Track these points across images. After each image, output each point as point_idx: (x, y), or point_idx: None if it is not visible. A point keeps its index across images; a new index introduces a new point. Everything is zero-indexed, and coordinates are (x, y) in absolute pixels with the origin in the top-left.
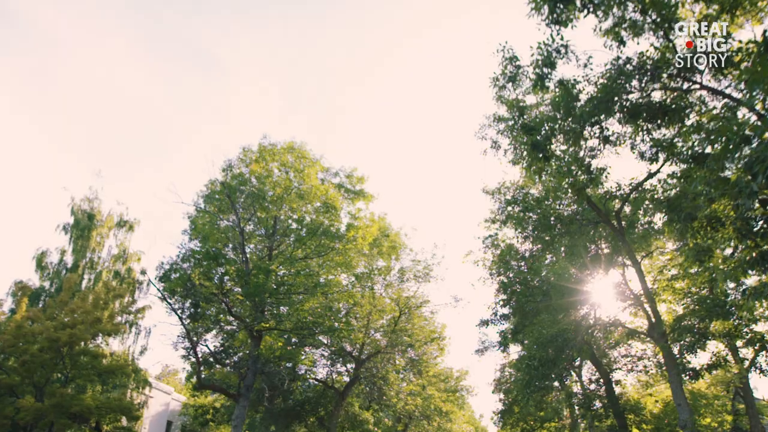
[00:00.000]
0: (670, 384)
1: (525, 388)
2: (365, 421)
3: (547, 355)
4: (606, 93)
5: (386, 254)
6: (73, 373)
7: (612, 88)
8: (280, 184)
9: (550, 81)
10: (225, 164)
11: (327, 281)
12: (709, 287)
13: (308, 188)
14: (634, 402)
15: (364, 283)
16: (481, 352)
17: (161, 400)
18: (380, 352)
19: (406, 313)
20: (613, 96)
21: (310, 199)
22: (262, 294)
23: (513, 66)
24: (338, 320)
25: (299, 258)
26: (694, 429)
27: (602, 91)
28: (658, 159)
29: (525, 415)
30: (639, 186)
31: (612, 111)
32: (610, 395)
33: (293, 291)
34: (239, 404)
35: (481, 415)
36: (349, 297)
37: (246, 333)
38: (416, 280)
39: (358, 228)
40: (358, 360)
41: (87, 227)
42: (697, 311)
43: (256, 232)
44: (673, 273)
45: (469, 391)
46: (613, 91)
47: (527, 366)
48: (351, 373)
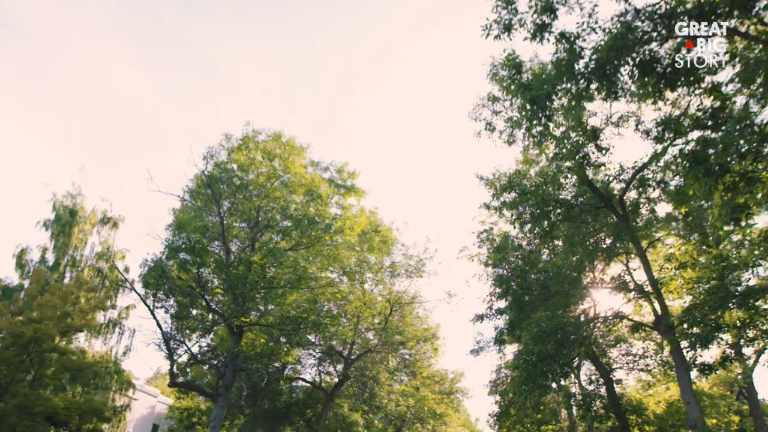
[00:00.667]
0: (678, 381)
1: (522, 386)
2: (355, 423)
3: (546, 350)
4: (615, 41)
5: (377, 249)
6: (41, 372)
7: (621, 37)
8: (263, 172)
9: (551, 34)
10: (206, 152)
11: (313, 275)
12: (719, 276)
13: (293, 176)
14: (636, 402)
15: (352, 278)
16: (477, 353)
17: (146, 402)
18: (370, 350)
19: (398, 310)
20: (622, 47)
21: (295, 187)
22: (243, 287)
23: (509, 12)
24: (324, 315)
25: (284, 250)
26: (705, 429)
27: (611, 42)
28: (663, 138)
29: (522, 417)
30: (644, 168)
31: (620, 64)
32: (611, 395)
33: (276, 284)
34: (217, 404)
35: (477, 419)
36: (337, 292)
37: (226, 329)
38: (408, 276)
39: (345, 218)
40: (347, 359)
41: (68, 223)
42: (708, 300)
43: (237, 224)
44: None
45: (465, 393)
46: (622, 41)
47: (525, 362)
48: (340, 373)
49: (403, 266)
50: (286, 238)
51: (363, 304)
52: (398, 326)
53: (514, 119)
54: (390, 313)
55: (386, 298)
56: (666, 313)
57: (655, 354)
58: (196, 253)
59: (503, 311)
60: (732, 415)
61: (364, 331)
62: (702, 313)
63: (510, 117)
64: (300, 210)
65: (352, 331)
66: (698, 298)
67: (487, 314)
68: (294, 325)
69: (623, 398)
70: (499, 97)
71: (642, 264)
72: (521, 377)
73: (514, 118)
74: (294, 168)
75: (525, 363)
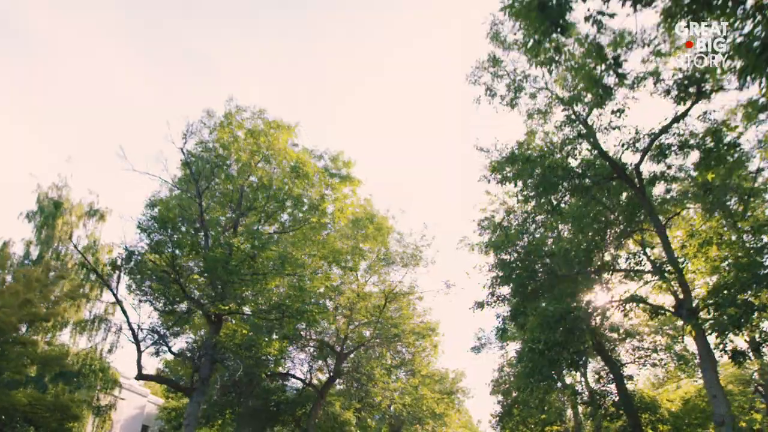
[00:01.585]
0: (701, 372)
1: (528, 378)
2: (347, 422)
3: (554, 338)
4: None
5: (371, 238)
6: (2, 365)
7: None
8: (245, 149)
9: None
10: (186, 129)
11: (300, 261)
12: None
13: (277, 152)
14: (649, 399)
15: (344, 266)
16: (478, 350)
17: (136, 402)
18: (364, 344)
19: (393, 301)
20: None
21: (279, 162)
22: (221, 270)
23: None
24: (310, 303)
25: (269, 233)
26: (735, 425)
27: None
28: (685, 96)
29: (525, 417)
30: (663, 132)
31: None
32: (621, 392)
33: (257, 269)
34: (192, 400)
35: (479, 421)
36: (326, 279)
37: (203, 317)
38: (404, 265)
39: (335, 199)
40: (340, 354)
41: (52, 215)
42: (740, 278)
43: (219, 207)
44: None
45: (466, 393)
46: None
47: (531, 351)
48: (331, 369)
49: (399, 254)
50: (269, 220)
51: (356, 295)
52: (394, 318)
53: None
54: (385, 304)
55: (381, 288)
56: (688, 296)
57: (668, 349)
58: (168, 229)
59: (506, 299)
60: (753, 413)
61: (357, 324)
62: (731, 293)
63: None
64: (284, 188)
65: (344, 324)
66: (726, 276)
67: (489, 301)
68: (277, 314)
69: (635, 395)
70: (501, 59)
71: (661, 241)
72: (527, 368)
73: (518, 70)
74: (278, 143)
75: (531, 352)
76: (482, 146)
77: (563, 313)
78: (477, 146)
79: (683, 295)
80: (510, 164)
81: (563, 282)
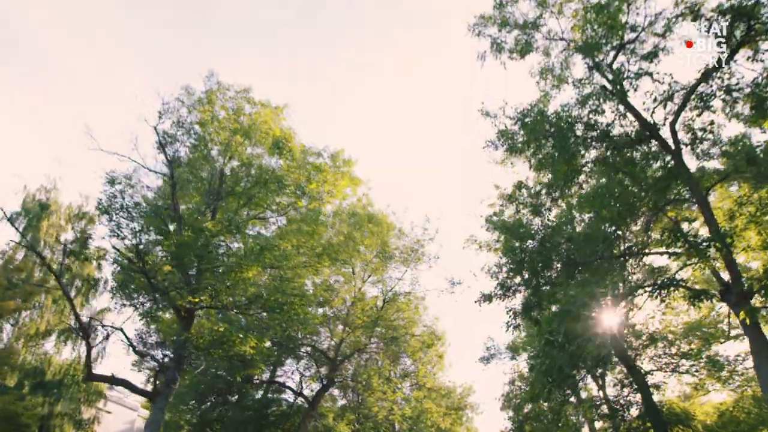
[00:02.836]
0: (755, 369)
1: (544, 377)
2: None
3: (577, 328)
4: None
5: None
6: None
7: None
8: (226, 126)
9: None
10: (162, 107)
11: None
12: None
13: (258, 125)
14: (680, 411)
15: (335, 257)
16: (487, 360)
17: (125, 417)
18: (360, 350)
19: (392, 301)
20: None
21: (260, 138)
22: (191, 257)
23: None
24: (291, 295)
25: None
26: None
27: None
28: (732, 37)
29: None
30: (703, 80)
31: None
32: (647, 403)
33: (232, 256)
34: (155, 406)
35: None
36: (314, 272)
37: (173, 313)
38: (404, 261)
39: (323, 181)
40: (334, 362)
41: (37, 216)
42: None
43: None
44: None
45: (475, 409)
46: None
47: (547, 345)
48: (325, 376)
49: (398, 248)
50: (250, 204)
51: (353, 296)
52: (393, 321)
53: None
54: (383, 305)
55: (379, 289)
56: (737, 277)
57: (696, 356)
58: (130, 213)
59: (517, 290)
60: None
61: (353, 328)
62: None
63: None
64: (267, 169)
65: (340, 329)
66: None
67: (497, 293)
68: (255, 307)
69: (663, 406)
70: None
71: (702, 213)
72: (543, 366)
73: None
74: (260, 117)
75: (548, 346)
76: (488, 110)
77: (589, 298)
78: (482, 110)
79: (731, 276)
80: (522, 127)
81: (584, 269)
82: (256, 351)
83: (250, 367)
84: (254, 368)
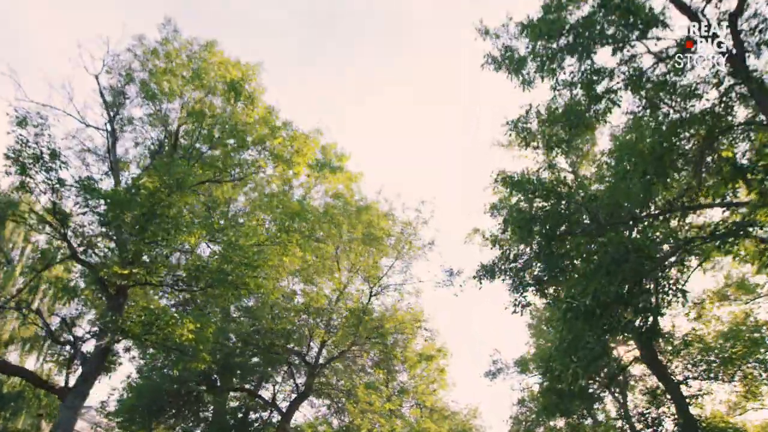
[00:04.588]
0: None
1: (567, 356)
2: None
3: (609, 290)
4: None
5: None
6: None
7: None
8: (180, 74)
9: None
10: (109, 58)
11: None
12: None
13: (211, 65)
14: (726, 426)
15: (309, 234)
16: (494, 375)
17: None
18: (343, 351)
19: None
20: None
21: (213, 85)
22: (126, 221)
23: None
24: (245, 267)
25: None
26: None
27: None
28: None
29: None
30: None
31: None
32: (683, 416)
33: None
34: (65, 404)
35: None
36: (283, 251)
37: (98, 286)
38: (396, 248)
39: (293, 137)
40: (313, 367)
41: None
42: None
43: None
44: None
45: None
46: None
47: (571, 312)
48: (302, 384)
49: (388, 233)
50: (200, 161)
51: (334, 288)
52: (380, 319)
53: None
54: (369, 299)
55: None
56: None
57: (743, 359)
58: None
59: (527, 262)
60: None
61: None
62: None
63: None
64: (221, 116)
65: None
66: None
67: (500, 267)
68: (202, 283)
69: (702, 421)
70: None
71: None
72: (564, 342)
73: None
74: (215, 57)
75: (572, 314)
76: (488, 28)
77: (627, 251)
78: (479, 29)
79: None
80: (528, 34)
81: (612, 230)
82: (197, 338)
83: (192, 360)
84: (197, 361)
